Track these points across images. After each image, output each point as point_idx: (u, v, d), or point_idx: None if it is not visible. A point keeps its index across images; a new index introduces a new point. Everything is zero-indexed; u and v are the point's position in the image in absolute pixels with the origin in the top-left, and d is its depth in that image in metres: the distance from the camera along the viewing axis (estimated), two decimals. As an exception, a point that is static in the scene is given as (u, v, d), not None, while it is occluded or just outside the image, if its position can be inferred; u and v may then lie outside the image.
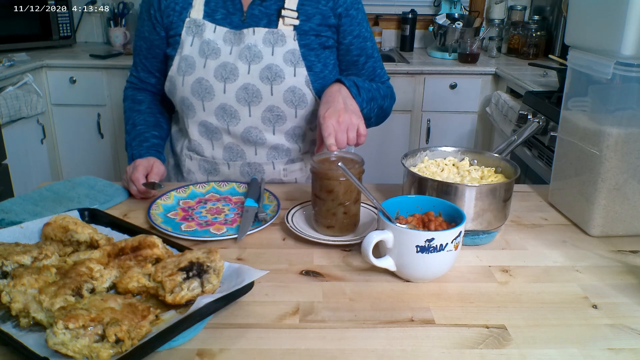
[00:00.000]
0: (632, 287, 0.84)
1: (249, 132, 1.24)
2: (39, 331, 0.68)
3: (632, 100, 0.92)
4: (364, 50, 1.30)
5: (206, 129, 1.26)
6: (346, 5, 1.24)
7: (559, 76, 2.24)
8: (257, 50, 1.19)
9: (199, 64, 1.21)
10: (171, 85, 1.25)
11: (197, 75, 1.21)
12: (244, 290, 0.76)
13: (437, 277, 0.85)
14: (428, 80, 2.79)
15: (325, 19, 1.23)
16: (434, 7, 3.33)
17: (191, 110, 1.24)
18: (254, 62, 1.19)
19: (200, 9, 1.22)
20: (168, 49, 1.26)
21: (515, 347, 0.70)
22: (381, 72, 1.35)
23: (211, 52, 1.20)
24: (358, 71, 1.31)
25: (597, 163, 0.97)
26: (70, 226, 0.86)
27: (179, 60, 1.23)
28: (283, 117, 1.23)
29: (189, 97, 1.22)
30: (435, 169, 1.05)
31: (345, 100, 1.12)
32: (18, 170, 2.50)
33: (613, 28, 0.91)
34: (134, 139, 1.26)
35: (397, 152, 2.84)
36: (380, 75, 1.35)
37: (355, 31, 1.27)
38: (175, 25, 1.24)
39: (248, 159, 1.28)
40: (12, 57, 2.62)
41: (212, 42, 1.21)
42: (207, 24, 1.21)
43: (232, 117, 1.22)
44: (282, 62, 1.19)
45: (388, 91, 1.33)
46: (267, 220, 1.01)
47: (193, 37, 1.22)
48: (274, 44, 1.19)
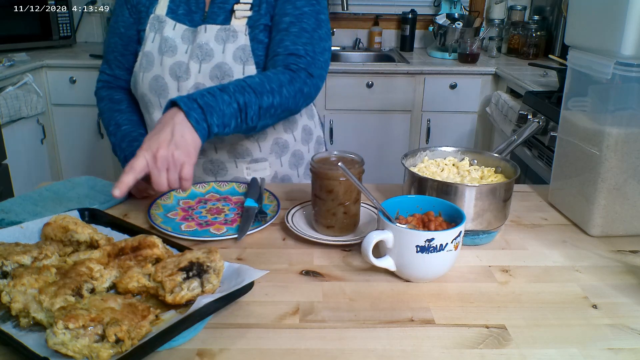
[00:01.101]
0: (632, 287, 0.84)
1: None
2: (39, 331, 0.68)
3: (632, 100, 0.92)
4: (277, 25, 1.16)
5: None
6: None
7: (559, 76, 2.24)
8: (209, 48, 1.18)
9: (157, 61, 1.20)
10: (134, 81, 1.25)
11: (154, 72, 1.20)
12: (244, 290, 0.76)
13: (437, 277, 0.85)
14: (428, 80, 2.79)
15: (270, 5, 1.19)
16: (434, 7, 3.33)
17: (150, 107, 1.24)
18: (205, 61, 1.18)
19: (164, 5, 1.22)
20: (138, 44, 1.26)
21: (515, 347, 0.70)
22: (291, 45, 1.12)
23: (168, 49, 1.20)
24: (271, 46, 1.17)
25: (597, 163, 0.97)
26: (70, 226, 0.86)
27: (141, 56, 1.23)
28: None
29: (147, 93, 1.22)
30: (435, 169, 1.05)
31: (174, 130, 0.91)
32: (18, 170, 2.50)
33: (613, 28, 0.91)
34: (122, 139, 1.24)
35: (397, 152, 2.85)
36: (285, 47, 1.13)
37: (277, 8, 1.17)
38: (143, 21, 1.24)
39: (209, 156, 1.27)
40: (12, 57, 2.62)
41: (171, 39, 1.20)
42: (168, 20, 1.21)
43: None
44: (231, 60, 1.17)
45: (282, 78, 1.07)
46: (267, 220, 1.01)
47: (155, 33, 1.22)
48: (226, 40, 1.18)
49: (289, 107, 1.10)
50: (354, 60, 3.23)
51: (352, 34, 3.36)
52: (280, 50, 1.13)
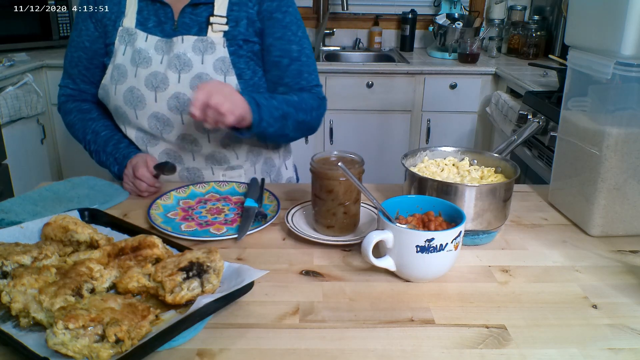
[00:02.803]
0: (632, 287, 0.84)
1: (183, 139, 1.24)
2: (39, 331, 0.68)
3: (632, 100, 0.92)
4: (288, 52, 1.24)
5: (144, 134, 1.25)
6: (271, 9, 1.22)
7: (559, 76, 2.24)
8: (187, 58, 1.18)
9: (131, 72, 1.20)
10: (104, 93, 1.25)
11: (129, 84, 1.20)
12: (244, 290, 0.76)
13: (437, 277, 0.85)
14: (428, 80, 2.79)
15: (251, 22, 1.21)
16: (434, 7, 3.33)
17: (125, 119, 1.24)
18: (183, 71, 1.18)
19: (132, 18, 1.22)
20: (105, 57, 1.25)
21: (515, 347, 0.70)
22: (309, 77, 1.28)
23: (142, 60, 1.20)
24: (282, 73, 1.26)
25: (597, 163, 0.97)
26: (70, 226, 0.86)
27: (112, 69, 1.22)
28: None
29: (121, 105, 1.22)
30: (435, 169, 1.05)
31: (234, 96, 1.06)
32: (18, 170, 2.50)
33: (613, 28, 0.91)
34: (105, 144, 1.24)
35: (397, 152, 2.85)
36: (307, 80, 1.28)
37: (277, 33, 1.23)
38: (110, 34, 1.23)
39: (186, 164, 1.27)
40: (12, 57, 2.62)
41: (144, 50, 1.20)
42: (139, 32, 1.21)
43: (165, 125, 1.22)
44: (212, 70, 1.18)
45: (313, 103, 1.26)
46: (267, 220, 1.01)
47: (126, 45, 1.21)
48: (204, 51, 1.19)
49: (312, 127, 1.28)
50: (354, 60, 3.23)
51: (352, 34, 3.36)
52: (304, 83, 1.27)
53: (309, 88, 1.28)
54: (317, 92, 1.29)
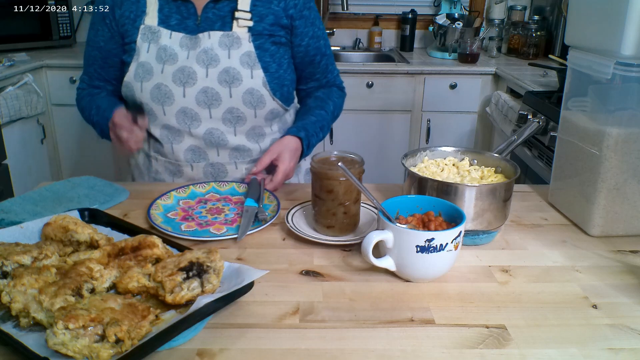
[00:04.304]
0: (632, 287, 0.84)
1: (210, 134, 1.25)
2: (39, 331, 0.68)
3: (632, 100, 0.92)
4: (319, 49, 1.33)
5: (168, 131, 1.26)
6: (299, 7, 1.26)
7: (559, 76, 2.24)
8: (214, 53, 1.20)
9: (157, 69, 1.21)
10: (128, 91, 1.25)
11: (155, 81, 1.21)
12: (244, 290, 0.76)
13: (437, 277, 0.85)
14: (428, 80, 2.79)
15: (278, 19, 1.24)
16: (434, 7, 3.33)
17: (152, 115, 1.25)
18: (211, 66, 1.20)
19: (154, 16, 1.23)
20: (124, 56, 1.27)
21: (515, 347, 0.70)
22: (332, 67, 1.39)
23: (168, 57, 1.21)
24: (314, 69, 1.35)
25: (597, 163, 0.97)
26: (70, 226, 0.86)
27: (135, 67, 1.23)
28: (243, 118, 1.25)
29: (148, 102, 1.23)
30: (435, 169, 1.05)
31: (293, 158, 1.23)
32: (18, 170, 2.50)
33: (613, 28, 0.91)
34: (102, 113, 1.26)
35: (397, 152, 2.85)
36: (332, 71, 1.39)
37: (310, 32, 1.29)
38: (130, 33, 1.24)
39: (211, 159, 1.29)
40: (12, 57, 2.62)
41: (169, 47, 1.21)
42: (162, 30, 1.22)
43: (193, 120, 1.24)
44: (238, 64, 1.21)
45: (340, 100, 1.41)
46: (267, 220, 1.01)
47: (149, 43, 1.22)
48: (230, 46, 1.21)
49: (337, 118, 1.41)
50: (354, 60, 3.23)
51: (352, 34, 3.36)
52: (330, 76, 1.40)
53: (333, 80, 1.40)
54: (339, 82, 1.43)
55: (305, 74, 1.36)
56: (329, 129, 1.36)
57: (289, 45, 1.29)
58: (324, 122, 1.32)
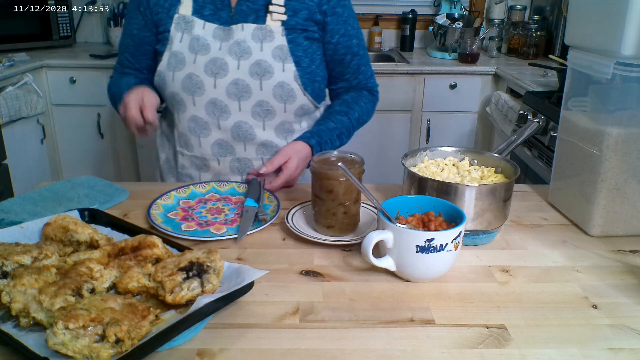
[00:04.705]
0: (632, 287, 0.84)
1: (239, 127, 1.25)
2: (39, 331, 0.68)
3: (632, 100, 0.92)
4: (350, 48, 1.30)
5: (196, 124, 1.26)
6: (332, 3, 1.25)
7: (559, 76, 2.24)
8: (246, 45, 1.20)
9: (189, 59, 1.22)
10: (160, 80, 1.26)
11: (187, 70, 1.22)
12: (244, 290, 0.76)
13: (437, 277, 0.85)
14: (428, 80, 2.79)
15: (311, 14, 1.24)
16: (434, 7, 3.33)
17: (182, 105, 1.25)
18: (243, 58, 1.20)
19: (188, 5, 1.24)
20: (157, 45, 1.28)
21: (515, 347, 0.70)
22: (365, 68, 1.36)
23: (201, 47, 1.21)
24: (344, 69, 1.33)
25: (597, 163, 0.97)
26: (70, 226, 0.86)
27: (168, 56, 1.24)
28: (272, 112, 1.24)
29: (179, 92, 1.24)
30: (435, 169, 1.05)
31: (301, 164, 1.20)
32: (18, 170, 2.50)
33: (613, 28, 0.90)
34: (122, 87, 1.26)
35: (397, 152, 2.84)
36: (364, 73, 1.35)
37: (341, 30, 1.28)
38: (164, 22, 1.25)
39: (237, 154, 1.29)
40: (12, 57, 2.62)
41: (202, 38, 1.22)
42: (196, 20, 1.23)
43: (222, 112, 1.24)
44: (270, 57, 1.20)
45: (369, 105, 1.37)
46: (267, 220, 1.01)
47: (182, 33, 1.23)
48: (263, 39, 1.21)
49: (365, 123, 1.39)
50: (354, 60, 3.23)
51: (352, 34, 3.36)
52: (361, 77, 1.36)
53: (365, 82, 1.37)
54: (372, 84, 1.39)
55: (335, 73, 1.34)
56: (349, 136, 1.32)
57: (322, 41, 1.28)
58: (343, 129, 1.29)
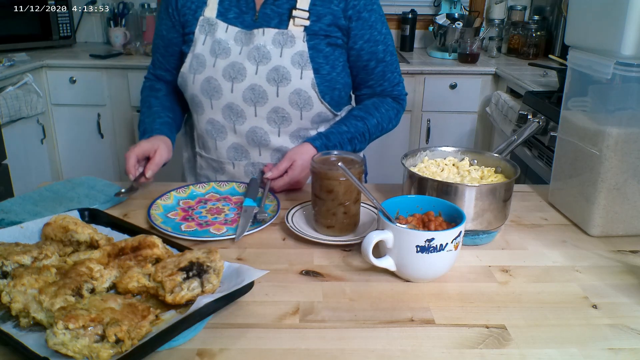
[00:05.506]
0: (632, 287, 0.84)
1: (254, 132, 1.25)
2: (39, 331, 0.68)
3: (632, 100, 0.92)
4: (374, 54, 1.26)
5: (213, 127, 1.27)
6: (358, 8, 1.21)
7: (559, 76, 2.24)
8: (266, 51, 1.19)
9: (209, 62, 1.22)
10: (182, 82, 1.27)
11: (207, 74, 1.22)
12: (244, 290, 0.76)
13: (437, 277, 0.85)
14: (428, 80, 2.79)
15: (336, 19, 1.21)
16: (434, 7, 3.33)
17: (200, 108, 1.26)
18: (262, 63, 1.19)
19: (214, 8, 1.24)
20: (184, 46, 1.28)
21: (515, 347, 0.70)
22: (391, 76, 1.31)
23: (222, 51, 1.21)
24: (367, 76, 1.29)
25: (597, 163, 0.97)
26: (70, 226, 0.86)
27: (191, 58, 1.24)
28: (288, 119, 1.23)
29: (198, 95, 1.24)
30: (435, 169, 1.05)
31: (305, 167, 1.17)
32: (18, 170, 2.50)
33: (613, 28, 0.91)
34: (148, 116, 1.28)
35: (397, 152, 2.83)
36: (389, 80, 1.31)
37: (366, 35, 1.24)
38: (190, 24, 1.26)
39: (252, 159, 1.29)
40: (12, 57, 2.62)
41: (224, 41, 1.22)
42: (219, 23, 1.23)
43: (238, 116, 1.24)
44: (289, 64, 1.19)
45: (391, 113, 1.31)
46: (267, 221, 1.01)
47: (205, 35, 1.23)
48: (283, 45, 1.19)
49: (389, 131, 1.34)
50: (354, 60, 3.23)
51: (352, 34, 3.36)
52: (386, 84, 1.31)
53: (390, 89, 1.32)
54: (398, 92, 1.33)
55: (359, 79, 1.30)
56: (364, 141, 1.27)
57: (345, 47, 1.25)
58: (356, 133, 1.24)
